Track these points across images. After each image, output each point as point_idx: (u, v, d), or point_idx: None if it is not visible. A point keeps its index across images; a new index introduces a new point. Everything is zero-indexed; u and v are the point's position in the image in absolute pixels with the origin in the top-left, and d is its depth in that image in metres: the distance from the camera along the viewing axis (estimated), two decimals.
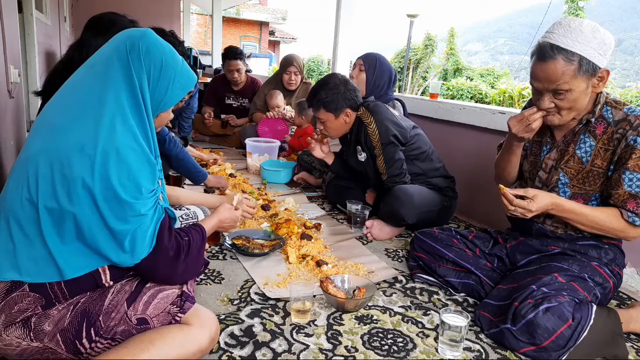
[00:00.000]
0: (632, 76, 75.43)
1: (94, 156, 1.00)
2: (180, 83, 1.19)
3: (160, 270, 1.14)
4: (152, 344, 1.05)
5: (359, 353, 1.34)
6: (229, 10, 17.88)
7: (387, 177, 2.26)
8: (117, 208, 1.03)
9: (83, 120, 1.04)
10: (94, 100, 1.06)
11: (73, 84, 1.12)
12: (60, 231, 1.03)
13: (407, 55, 15.52)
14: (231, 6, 11.17)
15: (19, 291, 1.04)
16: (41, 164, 1.02)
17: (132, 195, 1.04)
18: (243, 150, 3.88)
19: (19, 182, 1.03)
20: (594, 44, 1.35)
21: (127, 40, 1.12)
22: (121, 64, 1.10)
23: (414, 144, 2.31)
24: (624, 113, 1.44)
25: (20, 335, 1.04)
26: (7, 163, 2.57)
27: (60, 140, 1.03)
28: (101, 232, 1.03)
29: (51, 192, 1.01)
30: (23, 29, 3.76)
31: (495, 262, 1.72)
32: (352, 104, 2.30)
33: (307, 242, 2.01)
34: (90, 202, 1.01)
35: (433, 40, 19.21)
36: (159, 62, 1.13)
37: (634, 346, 1.48)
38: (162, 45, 1.16)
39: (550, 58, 1.37)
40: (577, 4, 18.20)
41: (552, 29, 1.41)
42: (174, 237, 1.17)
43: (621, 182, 1.42)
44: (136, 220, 1.06)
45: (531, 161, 1.67)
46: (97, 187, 1.00)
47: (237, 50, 4.20)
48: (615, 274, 1.53)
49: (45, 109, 1.12)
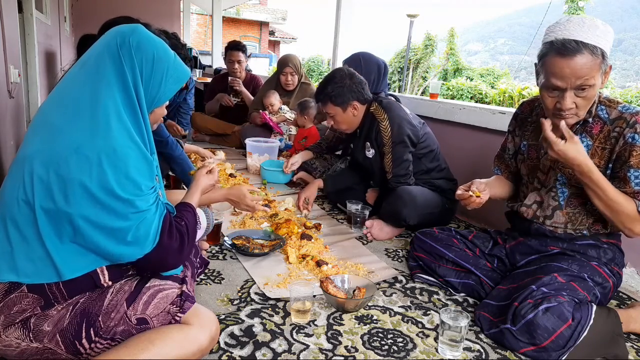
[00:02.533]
0: (632, 76, 75.42)
1: (90, 157, 1.01)
2: (173, 77, 1.18)
3: (170, 259, 1.16)
4: (152, 344, 1.05)
5: (359, 353, 1.34)
6: (229, 10, 17.88)
7: (392, 176, 2.26)
8: (116, 207, 1.03)
9: (78, 120, 1.04)
10: (87, 98, 1.06)
11: (67, 81, 1.12)
12: (58, 232, 1.03)
13: (407, 55, 15.52)
14: (231, 6, 11.17)
15: (17, 292, 1.04)
16: (37, 164, 1.01)
17: (132, 192, 1.05)
18: (243, 150, 3.88)
19: (15, 183, 1.03)
20: (609, 38, 1.35)
21: (117, 35, 1.12)
22: (112, 60, 1.09)
23: (424, 142, 2.31)
24: (618, 111, 1.44)
25: (20, 336, 1.04)
26: (7, 163, 2.58)
27: (56, 141, 1.02)
28: (101, 231, 1.03)
29: (47, 193, 1.01)
30: (23, 29, 3.76)
31: (495, 262, 1.72)
32: (359, 97, 2.29)
33: (307, 242, 2.01)
34: (88, 202, 1.01)
35: (433, 40, 19.21)
36: (150, 57, 1.13)
37: (634, 346, 1.48)
38: (153, 39, 1.15)
39: (578, 52, 1.33)
40: (577, 4, 18.19)
41: (565, 26, 1.36)
42: (175, 228, 1.18)
43: (628, 180, 1.41)
44: (137, 216, 1.06)
45: (528, 165, 1.67)
46: (95, 187, 1.00)
47: (240, 43, 4.30)
48: (615, 274, 1.53)
49: (42, 107, 1.12)
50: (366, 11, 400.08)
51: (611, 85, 16.25)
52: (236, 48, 4.22)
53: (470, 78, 18.18)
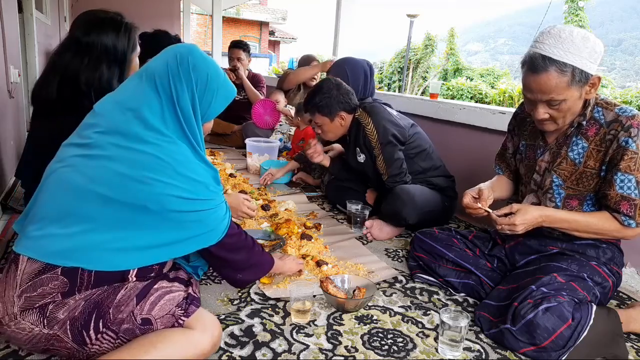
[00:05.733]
0: (632, 76, 75.34)
1: (168, 178, 1.12)
2: (222, 95, 1.28)
3: (240, 247, 1.35)
4: (154, 347, 1.07)
5: (359, 353, 1.34)
6: (229, 10, 17.88)
7: (387, 177, 2.26)
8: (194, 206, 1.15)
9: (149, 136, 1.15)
10: (157, 117, 1.16)
11: (129, 90, 1.22)
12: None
13: (407, 55, 15.48)
14: (231, 6, 11.18)
15: (50, 273, 1.07)
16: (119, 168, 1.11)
17: (202, 194, 1.18)
18: (243, 150, 3.88)
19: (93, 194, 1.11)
20: (585, 53, 1.34)
21: (177, 55, 1.21)
22: (172, 79, 1.19)
23: (413, 142, 2.31)
24: (615, 114, 1.44)
25: (35, 321, 1.07)
26: (7, 163, 2.57)
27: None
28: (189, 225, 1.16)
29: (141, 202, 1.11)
30: (23, 29, 3.76)
31: (495, 262, 1.73)
32: (345, 107, 2.32)
33: (307, 242, 2.01)
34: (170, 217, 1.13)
35: (433, 40, 19.20)
36: (204, 77, 1.22)
37: (634, 346, 1.48)
38: (207, 60, 1.25)
39: (543, 70, 1.35)
40: (577, 4, 18.18)
41: (541, 39, 1.38)
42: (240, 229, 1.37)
43: (613, 183, 1.42)
44: (211, 210, 1.20)
45: (526, 164, 1.67)
46: (175, 204, 1.12)
47: (242, 41, 4.37)
48: (614, 273, 1.53)
49: (102, 110, 1.19)
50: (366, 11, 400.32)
51: (611, 85, 16.23)
52: (237, 45, 4.27)
53: (470, 78, 18.18)
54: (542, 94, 1.39)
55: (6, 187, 2.49)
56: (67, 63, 1.67)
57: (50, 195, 1.13)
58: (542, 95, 1.40)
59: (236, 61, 4.27)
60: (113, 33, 1.71)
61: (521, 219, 1.44)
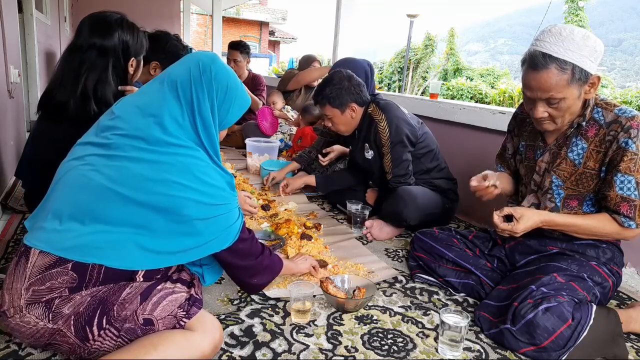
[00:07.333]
0: (632, 76, 75.35)
1: (187, 186, 1.14)
2: (239, 104, 1.31)
3: (252, 252, 1.34)
4: (154, 349, 1.07)
5: (359, 353, 1.34)
6: (229, 10, 17.88)
7: (392, 176, 2.26)
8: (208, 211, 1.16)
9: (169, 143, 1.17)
10: (178, 123, 1.19)
11: (149, 94, 1.24)
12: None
13: (407, 55, 15.50)
14: (231, 6, 11.18)
15: (60, 267, 1.08)
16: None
17: (219, 198, 1.19)
18: (243, 150, 3.88)
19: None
20: (586, 52, 1.34)
21: (199, 63, 1.24)
22: (195, 87, 1.21)
23: (422, 142, 2.30)
24: (614, 114, 1.44)
25: (40, 315, 1.07)
26: (7, 163, 2.58)
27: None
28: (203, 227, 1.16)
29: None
30: (23, 29, 3.76)
31: (495, 262, 1.73)
32: (357, 99, 2.29)
33: (307, 242, 2.01)
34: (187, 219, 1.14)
35: (433, 40, 19.22)
36: (224, 85, 1.25)
37: (634, 346, 1.48)
38: (227, 69, 1.28)
39: (543, 67, 1.36)
40: (577, 4, 18.20)
41: (542, 37, 1.39)
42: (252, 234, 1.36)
43: (613, 184, 1.42)
44: (226, 214, 1.21)
45: (526, 165, 1.67)
46: (194, 209, 1.14)
47: (240, 42, 4.29)
48: (614, 273, 1.53)
49: (121, 112, 1.22)
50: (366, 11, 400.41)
51: (611, 85, 16.25)
52: (233, 47, 4.19)
53: (470, 78, 18.20)
54: (542, 92, 1.39)
55: (6, 187, 2.49)
56: (87, 67, 1.67)
57: (68, 192, 1.14)
58: (541, 93, 1.40)
59: (232, 63, 4.20)
60: (130, 36, 1.74)
61: (523, 227, 1.46)
